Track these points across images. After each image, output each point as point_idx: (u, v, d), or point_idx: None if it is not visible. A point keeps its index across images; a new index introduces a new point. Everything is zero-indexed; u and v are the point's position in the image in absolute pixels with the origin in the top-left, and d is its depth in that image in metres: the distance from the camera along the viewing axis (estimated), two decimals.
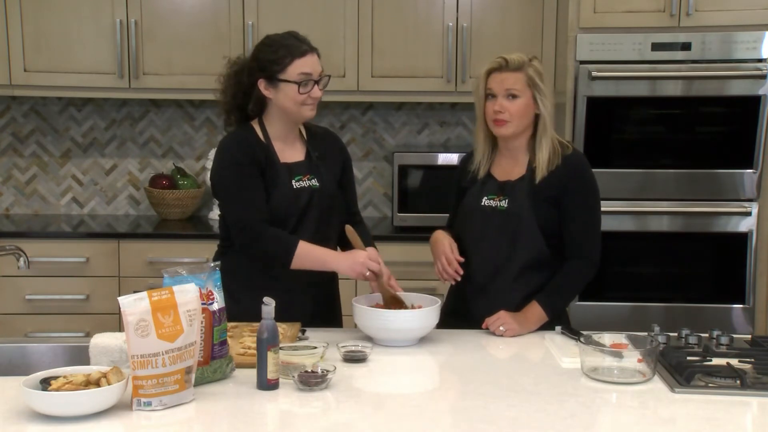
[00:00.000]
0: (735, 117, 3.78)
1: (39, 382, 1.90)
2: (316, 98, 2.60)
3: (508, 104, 2.54)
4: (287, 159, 2.65)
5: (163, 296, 1.92)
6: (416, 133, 4.52)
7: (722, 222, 3.80)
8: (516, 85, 2.54)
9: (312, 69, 2.58)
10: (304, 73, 2.56)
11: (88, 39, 4.07)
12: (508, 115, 2.54)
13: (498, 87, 2.55)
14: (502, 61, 2.56)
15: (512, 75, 2.54)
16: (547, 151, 2.56)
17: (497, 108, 2.55)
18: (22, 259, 2.58)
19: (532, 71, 2.55)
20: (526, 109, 2.55)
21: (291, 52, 2.56)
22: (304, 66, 2.56)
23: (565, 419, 1.90)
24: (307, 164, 2.67)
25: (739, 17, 3.72)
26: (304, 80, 2.56)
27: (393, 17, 4.09)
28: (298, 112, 2.60)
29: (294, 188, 2.62)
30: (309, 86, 2.57)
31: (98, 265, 3.95)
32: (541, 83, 2.56)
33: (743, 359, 2.24)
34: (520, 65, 2.55)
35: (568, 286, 2.61)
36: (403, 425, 1.88)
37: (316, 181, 2.66)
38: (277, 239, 2.55)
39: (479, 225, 2.62)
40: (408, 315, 2.41)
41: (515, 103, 2.54)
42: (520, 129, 2.58)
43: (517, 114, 2.54)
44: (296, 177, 2.63)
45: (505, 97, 2.54)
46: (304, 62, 2.57)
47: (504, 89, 2.54)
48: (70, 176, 4.51)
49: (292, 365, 2.08)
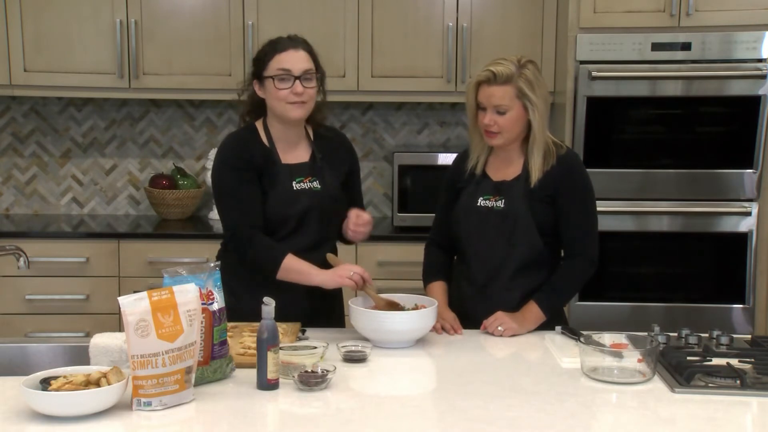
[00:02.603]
0: (735, 117, 3.79)
1: (39, 382, 1.90)
2: (299, 95, 2.55)
3: (497, 118, 2.53)
4: (290, 160, 2.64)
5: (163, 296, 1.92)
6: (416, 133, 4.52)
7: (722, 222, 3.80)
8: (503, 101, 2.50)
9: (291, 65, 2.54)
10: (282, 69, 2.54)
11: (88, 39, 4.07)
12: (497, 127, 2.53)
13: (486, 101, 2.53)
14: (490, 75, 2.51)
15: (500, 89, 2.50)
16: (539, 156, 2.55)
17: (487, 122, 2.53)
18: (22, 259, 2.58)
19: (522, 81, 2.50)
20: (516, 121, 2.53)
21: (274, 49, 2.58)
22: (282, 61, 2.54)
23: (565, 419, 1.90)
24: (310, 166, 2.66)
25: (739, 17, 3.73)
26: (281, 75, 2.53)
27: (393, 17, 4.09)
28: (283, 111, 2.57)
29: (294, 190, 2.61)
30: (288, 82, 2.54)
31: (98, 265, 3.95)
32: (531, 93, 2.51)
33: (743, 359, 2.24)
34: (509, 78, 2.50)
35: (566, 285, 2.61)
36: (403, 425, 1.88)
37: (317, 183, 2.64)
38: (265, 249, 2.55)
39: (476, 225, 2.62)
40: (403, 316, 2.41)
41: (504, 117, 2.52)
42: (512, 137, 2.57)
43: (506, 127, 2.53)
44: (297, 179, 2.62)
45: (494, 111, 2.53)
46: (282, 57, 2.55)
47: (492, 105, 2.52)
48: (70, 176, 4.51)
49: (292, 365, 2.08)
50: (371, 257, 3.90)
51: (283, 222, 2.60)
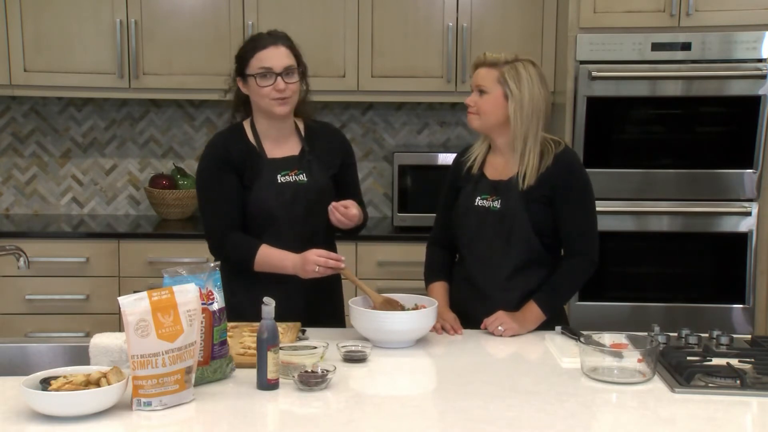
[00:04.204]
0: (735, 117, 3.78)
1: (39, 382, 1.90)
2: (281, 91, 2.56)
3: (477, 98, 2.59)
4: (277, 155, 2.65)
5: (163, 296, 1.92)
6: (416, 133, 4.52)
7: (722, 222, 3.80)
8: (485, 81, 2.57)
9: (272, 62, 2.55)
10: (263, 67, 2.55)
11: (88, 39, 4.07)
12: (475, 108, 2.59)
13: (474, 82, 2.61)
14: (482, 56, 2.61)
15: (484, 70, 2.58)
16: (532, 158, 2.55)
17: (468, 101, 2.61)
18: (22, 259, 2.58)
19: (508, 69, 2.54)
20: (494, 105, 2.56)
21: (254, 46, 2.59)
22: (263, 59, 2.56)
23: (565, 419, 1.90)
24: (297, 159, 2.67)
25: (739, 17, 3.72)
26: (262, 72, 2.54)
27: (393, 17, 4.09)
28: (268, 107, 2.59)
29: (278, 183, 2.62)
30: (270, 79, 2.55)
31: (98, 265, 3.95)
32: (514, 84, 2.53)
33: (743, 359, 2.24)
34: (495, 62, 2.57)
35: (565, 284, 2.61)
36: (403, 425, 1.88)
37: (304, 176, 2.65)
38: (238, 246, 2.58)
39: (474, 226, 2.62)
40: (403, 316, 2.41)
41: (483, 98, 2.57)
42: (490, 123, 2.58)
43: (483, 108, 2.57)
44: (282, 172, 2.63)
45: (477, 91, 2.59)
46: (263, 55, 2.56)
47: (476, 85, 2.59)
48: (70, 176, 4.51)
49: (292, 365, 2.08)
50: (371, 257, 3.90)
51: (268, 215, 2.61)
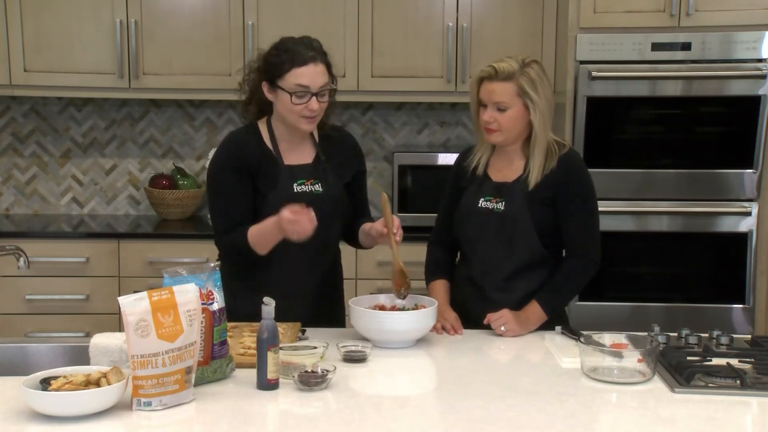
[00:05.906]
0: (735, 117, 3.78)
1: (39, 382, 1.90)
2: (313, 111, 2.49)
3: (497, 115, 2.51)
4: (292, 161, 2.61)
5: (163, 296, 1.92)
6: (416, 133, 4.52)
7: (722, 222, 3.80)
8: (504, 98, 2.49)
9: (310, 81, 2.47)
10: (300, 85, 2.46)
11: (88, 39, 4.07)
12: (497, 125, 2.52)
13: (487, 97, 2.52)
14: (492, 71, 2.51)
15: (501, 86, 2.49)
16: (540, 157, 2.54)
17: (486, 118, 2.52)
18: (22, 259, 2.58)
19: (524, 80, 2.49)
20: (516, 119, 2.52)
21: (292, 59, 2.47)
22: (301, 76, 2.46)
23: (565, 419, 1.90)
24: (312, 168, 2.62)
25: (739, 17, 3.72)
26: (299, 92, 2.47)
27: (393, 17, 4.09)
28: (294, 122, 2.53)
29: (294, 192, 2.57)
30: (305, 98, 2.47)
31: (98, 265, 3.95)
32: (533, 92, 2.49)
33: (743, 359, 2.24)
34: (510, 75, 2.49)
35: (567, 285, 2.61)
36: (403, 425, 1.89)
37: (319, 185, 2.60)
38: (232, 241, 2.56)
39: (476, 227, 2.61)
40: (403, 316, 2.40)
41: (504, 115, 2.51)
42: (513, 136, 2.55)
43: (506, 125, 2.52)
44: (299, 181, 2.59)
45: (494, 108, 2.52)
46: (303, 72, 2.46)
47: (492, 102, 2.51)
48: (70, 176, 4.51)
49: (292, 365, 2.08)
50: (371, 257, 3.89)
51: None
